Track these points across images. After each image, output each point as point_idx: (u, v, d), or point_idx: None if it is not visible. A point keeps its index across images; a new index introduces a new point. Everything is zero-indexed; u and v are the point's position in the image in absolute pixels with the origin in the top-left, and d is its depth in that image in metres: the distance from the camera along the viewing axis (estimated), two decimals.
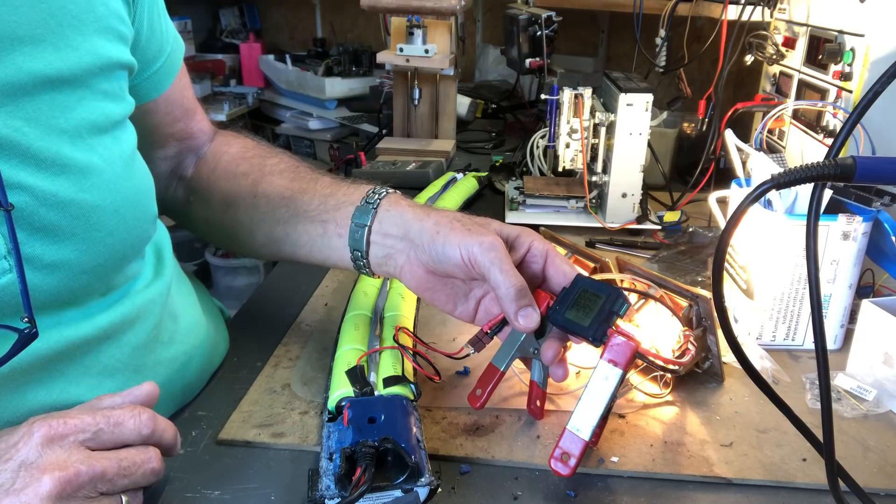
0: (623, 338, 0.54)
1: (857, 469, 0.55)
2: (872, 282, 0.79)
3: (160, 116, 0.67)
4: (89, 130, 0.50)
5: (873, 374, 0.65)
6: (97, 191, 0.50)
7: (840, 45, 0.85)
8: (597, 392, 0.53)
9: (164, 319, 0.60)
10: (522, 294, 0.55)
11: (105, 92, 0.52)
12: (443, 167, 1.29)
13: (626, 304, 0.55)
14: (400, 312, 0.70)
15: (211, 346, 0.68)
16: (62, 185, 0.47)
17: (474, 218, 0.60)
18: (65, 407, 0.49)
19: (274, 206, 0.67)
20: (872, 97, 0.39)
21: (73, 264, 0.49)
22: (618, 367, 0.53)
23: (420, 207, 0.62)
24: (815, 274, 0.42)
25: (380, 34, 1.45)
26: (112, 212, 0.51)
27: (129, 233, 0.53)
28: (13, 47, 0.45)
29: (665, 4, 1.21)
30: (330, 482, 0.48)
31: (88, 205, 0.49)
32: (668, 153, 1.24)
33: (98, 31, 0.51)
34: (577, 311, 0.55)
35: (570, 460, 0.51)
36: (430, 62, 1.31)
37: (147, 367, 0.58)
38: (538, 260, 0.60)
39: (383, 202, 0.62)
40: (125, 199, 0.53)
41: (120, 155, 0.53)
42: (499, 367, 0.59)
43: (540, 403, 0.60)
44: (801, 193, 0.72)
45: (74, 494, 0.41)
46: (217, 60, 2.48)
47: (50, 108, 0.47)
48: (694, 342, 0.63)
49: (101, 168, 0.50)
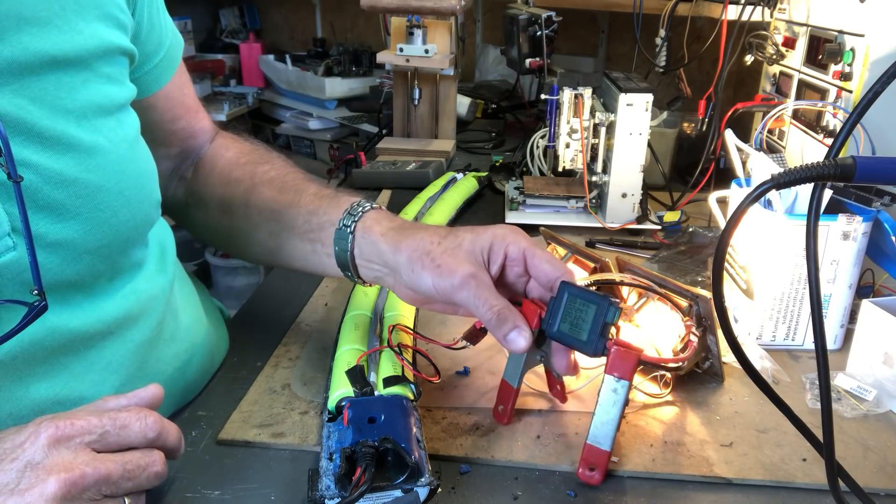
0: (624, 348, 0.54)
1: (857, 469, 0.55)
2: (872, 282, 0.79)
3: (161, 112, 0.67)
4: (94, 112, 0.50)
5: (873, 374, 0.65)
6: (101, 171, 0.50)
7: (840, 45, 0.85)
8: (608, 405, 0.53)
9: (166, 317, 0.60)
10: (503, 320, 0.54)
11: (108, 76, 0.53)
12: (443, 167, 1.29)
13: (617, 312, 0.54)
14: (400, 312, 0.70)
15: (211, 345, 0.68)
16: (67, 164, 0.48)
17: (445, 241, 0.58)
18: (68, 402, 0.50)
19: (265, 219, 0.67)
20: (872, 97, 0.39)
21: (78, 243, 0.49)
22: (624, 378, 0.53)
23: (393, 234, 0.59)
24: (815, 274, 0.42)
25: (380, 34, 1.45)
26: (116, 193, 0.51)
27: (133, 214, 0.54)
28: (19, 27, 0.46)
29: (665, 4, 1.21)
30: (330, 482, 0.48)
31: (93, 184, 0.50)
32: (668, 153, 1.24)
33: (99, 18, 0.52)
34: (570, 324, 0.55)
35: (597, 471, 0.53)
36: (430, 62, 1.31)
37: (150, 365, 0.58)
38: (518, 263, 0.58)
39: (358, 227, 0.61)
40: (129, 180, 0.53)
41: (124, 137, 0.54)
42: (512, 385, 0.59)
43: (560, 388, 0.62)
44: (801, 193, 0.72)
45: (79, 496, 0.41)
46: (217, 60, 2.48)
47: (55, 89, 0.48)
48: (696, 332, 0.63)
49: (105, 149, 0.51)
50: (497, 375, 0.66)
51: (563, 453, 0.57)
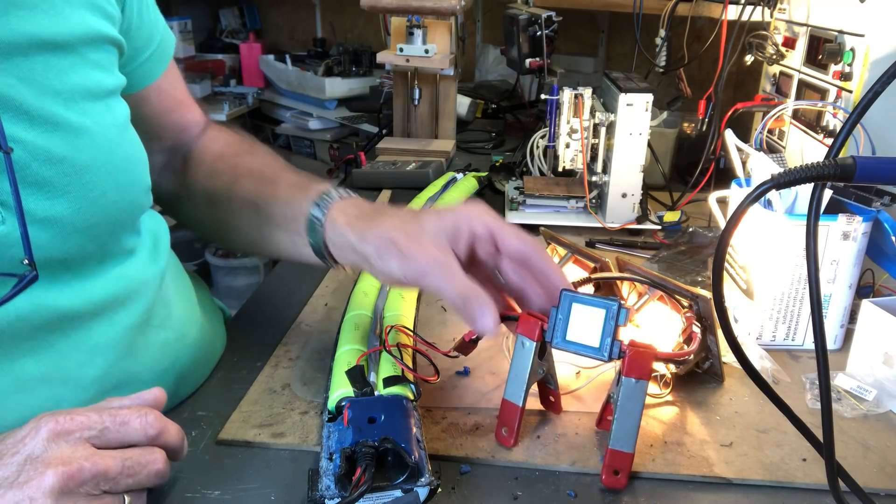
0: (639, 348, 0.54)
1: (857, 469, 0.55)
2: (872, 282, 0.79)
3: (153, 106, 0.69)
4: (82, 95, 0.51)
5: (873, 374, 0.65)
6: (89, 151, 0.51)
7: (840, 45, 0.85)
8: (630, 408, 0.53)
9: (156, 304, 0.61)
10: (466, 300, 0.53)
11: (95, 62, 0.54)
12: (443, 167, 1.29)
13: (626, 312, 0.54)
14: (400, 312, 0.70)
15: (205, 342, 0.68)
16: (55, 142, 0.49)
17: (408, 227, 0.57)
18: (54, 380, 0.51)
19: (247, 211, 0.67)
20: (872, 97, 0.39)
21: (67, 221, 0.50)
22: (643, 379, 0.53)
23: (358, 224, 0.59)
24: (815, 274, 0.42)
25: (380, 34, 1.45)
26: (104, 174, 0.52)
27: (122, 196, 0.55)
28: (7, 10, 0.47)
29: (665, 4, 1.21)
30: (330, 482, 0.48)
31: (81, 163, 0.50)
32: (668, 153, 1.24)
33: (85, 6, 0.53)
34: (577, 331, 0.55)
35: (622, 474, 0.53)
36: (430, 62, 1.31)
37: (137, 350, 0.58)
38: (486, 240, 0.57)
39: (327, 219, 0.60)
40: (118, 163, 0.54)
41: (113, 122, 0.55)
42: (517, 403, 0.57)
43: (555, 400, 0.61)
44: (801, 193, 0.72)
45: (77, 490, 0.41)
46: (217, 60, 2.48)
47: (44, 70, 0.49)
48: (697, 324, 0.63)
49: (93, 131, 0.52)
50: (497, 375, 0.66)
51: (563, 453, 0.57)
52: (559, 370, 0.61)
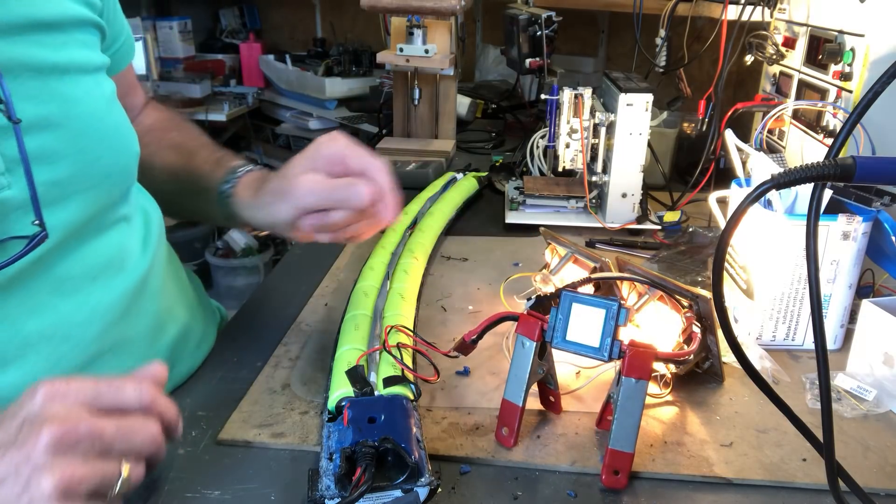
0: (639, 348, 0.54)
1: (857, 469, 0.55)
2: (872, 282, 0.79)
3: None
4: (74, 69, 0.57)
5: (873, 374, 0.65)
6: (82, 120, 0.56)
7: (840, 45, 0.85)
8: (630, 408, 0.53)
9: (150, 275, 0.65)
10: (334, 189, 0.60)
11: (83, 42, 0.59)
12: (443, 167, 1.29)
13: (626, 312, 0.55)
14: (400, 312, 0.70)
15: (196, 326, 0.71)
16: (52, 111, 0.54)
17: (280, 174, 0.64)
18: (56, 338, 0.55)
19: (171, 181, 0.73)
20: (872, 97, 0.39)
21: (66, 184, 0.54)
22: (643, 378, 0.53)
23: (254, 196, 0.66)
24: (815, 274, 0.42)
25: (380, 34, 1.45)
26: (98, 140, 0.57)
27: (115, 160, 0.60)
28: None
29: (665, 4, 1.21)
30: (330, 482, 0.48)
31: (75, 129, 0.55)
32: (668, 153, 1.24)
33: None
34: (577, 331, 0.55)
35: (622, 474, 0.53)
36: (430, 62, 1.31)
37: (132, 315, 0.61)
38: (338, 163, 0.63)
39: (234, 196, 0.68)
40: (108, 131, 0.59)
41: (101, 94, 0.60)
42: (517, 403, 0.57)
43: (555, 400, 0.61)
44: (801, 193, 0.72)
45: (72, 449, 0.42)
46: (217, 60, 2.48)
47: (39, 47, 0.54)
48: (697, 323, 0.63)
49: (85, 100, 0.57)
50: (497, 375, 0.66)
51: (563, 453, 0.57)
52: (559, 370, 0.61)
